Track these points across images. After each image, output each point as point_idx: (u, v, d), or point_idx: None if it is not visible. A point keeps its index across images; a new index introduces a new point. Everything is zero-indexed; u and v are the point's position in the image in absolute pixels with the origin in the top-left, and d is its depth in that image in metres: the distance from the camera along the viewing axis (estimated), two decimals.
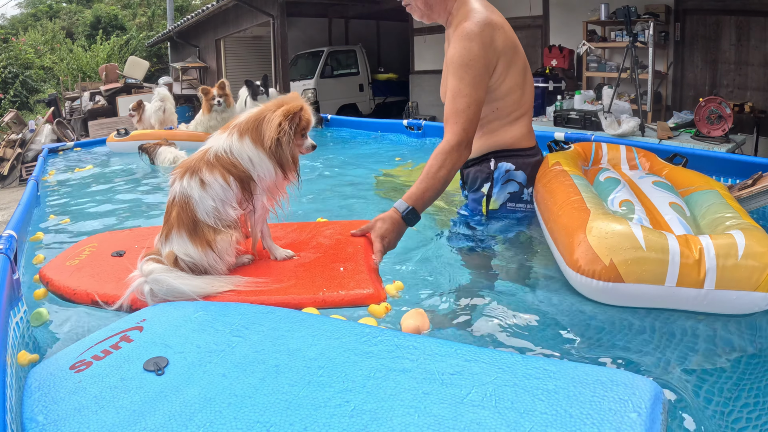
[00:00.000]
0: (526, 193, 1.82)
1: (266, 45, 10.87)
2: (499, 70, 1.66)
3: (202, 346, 0.97)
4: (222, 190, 1.35)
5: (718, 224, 1.39)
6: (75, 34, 20.70)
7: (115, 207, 2.53)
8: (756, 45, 5.41)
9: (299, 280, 1.33)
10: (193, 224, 1.33)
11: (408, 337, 0.94)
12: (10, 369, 0.99)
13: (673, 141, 4.13)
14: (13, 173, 8.67)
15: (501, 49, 1.64)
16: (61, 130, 9.53)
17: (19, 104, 14.74)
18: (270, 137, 1.35)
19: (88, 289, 1.32)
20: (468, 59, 1.58)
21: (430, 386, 0.81)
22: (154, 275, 1.25)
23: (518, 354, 0.88)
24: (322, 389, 0.83)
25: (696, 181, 1.78)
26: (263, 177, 1.39)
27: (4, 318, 1.12)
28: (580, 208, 1.42)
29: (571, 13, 6.74)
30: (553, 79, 6.35)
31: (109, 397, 0.86)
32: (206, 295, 1.24)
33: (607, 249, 1.23)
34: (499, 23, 1.65)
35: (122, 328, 1.07)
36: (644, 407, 0.73)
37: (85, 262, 1.49)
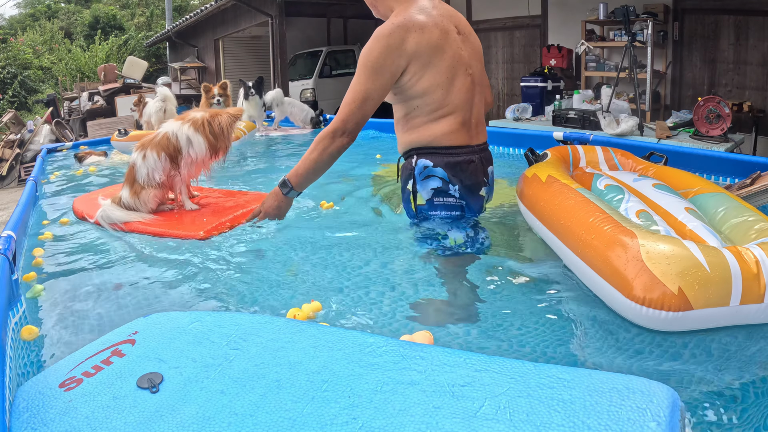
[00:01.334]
0: (452, 188, 1.79)
1: (265, 45, 10.86)
2: (412, 70, 1.71)
3: (198, 359, 0.93)
4: (154, 163, 2.07)
5: (746, 230, 1.36)
6: (73, 35, 20.69)
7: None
8: (754, 44, 5.41)
9: (180, 222, 2.05)
10: (133, 182, 2.09)
11: (414, 347, 0.90)
12: (9, 369, 0.99)
13: (672, 140, 4.13)
14: (12, 173, 8.67)
15: (413, 50, 1.68)
16: (60, 131, 9.52)
17: (17, 104, 14.73)
18: (224, 128, 2.13)
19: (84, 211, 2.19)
20: (366, 58, 1.69)
21: (440, 399, 0.78)
22: (103, 207, 2.06)
23: (530, 362, 0.84)
24: (327, 405, 0.79)
25: (692, 182, 1.76)
26: (196, 154, 2.10)
27: (3, 318, 1.12)
28: (617, 229, 1.29)
29: (570, 13, 6.75)
30: (551, 79, 6.35)
31: (102, 418, 0.82)
32: (124, 221, 2.02)
33: (672, 275, 1.12)
34: (420, 25, 1.70)
35: (113, 341, 1.03)
36: (663, 415, 0.71)
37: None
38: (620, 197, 1.64)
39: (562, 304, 1.33)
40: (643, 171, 1.98)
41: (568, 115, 4.92)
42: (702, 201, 1.62)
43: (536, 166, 1.92)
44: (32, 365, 1.18)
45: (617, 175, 1.93)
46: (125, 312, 1.39)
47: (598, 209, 1.42)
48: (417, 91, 1.74)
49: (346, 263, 1.63)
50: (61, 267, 1.74)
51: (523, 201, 1.85)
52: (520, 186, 1.93)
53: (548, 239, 1.61)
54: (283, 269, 1.63)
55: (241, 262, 1.70)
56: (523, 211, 1.85)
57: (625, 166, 2.10)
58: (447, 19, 1.78)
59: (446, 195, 1.80)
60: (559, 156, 2.04)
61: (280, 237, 1.86)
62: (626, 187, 1.76)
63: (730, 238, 1.41)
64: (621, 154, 2.11)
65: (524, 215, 1.84)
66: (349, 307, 1.35)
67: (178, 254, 1.77)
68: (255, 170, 3.32)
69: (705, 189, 1.69)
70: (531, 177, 1.84)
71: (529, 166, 2.04)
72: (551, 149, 2.11)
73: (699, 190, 1.70)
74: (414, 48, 1.68)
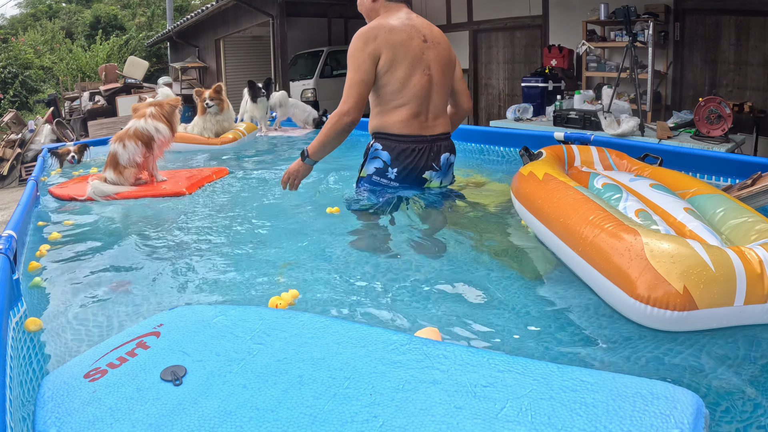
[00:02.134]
0: (390, 171, 2.15)
1: (266, 45, 10.86)
2: (383, 59, 2.07)
3: (222, 353, 0.94)
4: (133, 149, 2.75)
5: (747, 231, 1.36)
6: (74, 34, 20.69)
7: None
8: (755, 45, 5.41)
9: (161, 188, 2.73)
10: (116, 164, 2.76)
11: (437, 346, 0.90)
12: (9, 368, 0.99)
13: (673, 141, 4.12)
14: (13, 173, 8.67)
15: (383, 44, 2.06)
16: (61, 130, 9.52)
17: (18, 104, 14.73)
18: (170, 112, 2.86)
19: (71, 193, 2.72)
20: (351, 53, 2.09)
21: (462, 400, 0.77)
22: (93, 185, 2.65)
23: (553, 364, 0.84)
24: (348, 402, 0.79)
25: (689, 183, 1.76)
26: (163, 137, 2.81)
27: (3, 318, 1.12)
28: (619, 227, 1.27)
29: (571, 13, 6.74)
30: (552, 79, 6.35)
31: (125, 409, 0.82)
32: (115, 192, 2.64)
33: (677, 275, 1.10)
34: (390, 27, 2.09)
35: (138, 333, 1.04)
36: (686, 422, 0.70)
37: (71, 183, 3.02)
38: (618, 196, 1.63)
39: (563, 300, 1.33)
40: (639, 171, 1.97)
41: (569, 116, 4.92)
42: (700, 202, 1.62)
43: (532, 164, 1.91)
44: (36, 356, 1.18)
45: (614, 174, 1.92)
46: (123, 308, 1.40)
47: (597, 207, 1.40)
48: (383, 81, 2.10)
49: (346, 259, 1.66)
50: (64, 260, 1.76)
51: (518, 198, 1.85)
52: (515, 184, 1.92)
53: (545, 237, 1.60)
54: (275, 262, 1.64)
55: (242, 254, 1.70)
56: (518, 208, 1.85)
57: (620, 166, 2.09)
58: (416, 29, 2.14)
59: (383, 176, 2.17)
60: (554, 155, 2.03)
61: (282, 233, 1.88)
62: (624, 186, 1.75)
63: (731, 238, 1.41)
64: (616, 155, 2.11)
65: (519, 212, 1.84)
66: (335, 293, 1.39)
67: (167, 248, 1.78)
68: (258, 167, 3.32)
69: (702, 190, 1.68)
70: (527, 175, 1.83)
71: (524, 164, 2.03)
72: (546, 148, 2.10)
73: (696, 191, 1.69)
74: (383, 42, 2.06)
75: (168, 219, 2.27)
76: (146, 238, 1.99)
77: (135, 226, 2.20)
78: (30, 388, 1.04)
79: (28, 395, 1.00)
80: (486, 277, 1.51)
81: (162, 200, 2.59)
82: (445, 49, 2.22)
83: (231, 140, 4.25)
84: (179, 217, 2.27)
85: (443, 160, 2.21)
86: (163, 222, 2.23)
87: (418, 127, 2.14)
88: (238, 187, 2.81)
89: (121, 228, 2.20)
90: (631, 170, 2.02)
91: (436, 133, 2.18)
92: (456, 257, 1.66)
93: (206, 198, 2.59)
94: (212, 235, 1.98)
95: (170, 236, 2.00)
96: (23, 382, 1.03)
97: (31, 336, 1.25)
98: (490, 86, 8.42)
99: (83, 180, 2.97)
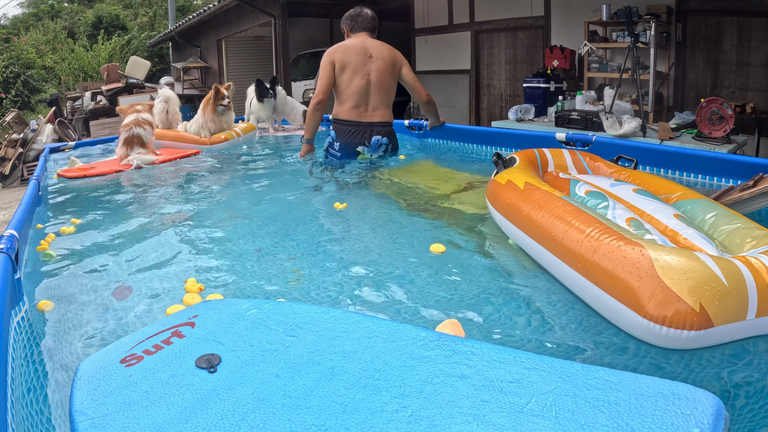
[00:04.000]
0: (335, 145, 3.12)
1: (267, 45, 10.87)
2: (337, 67, 3.06)
3: (255, 344, 0.96)
4: (150, 131, 3.70)
5: (743, 237, 1.33)
6: (76, 34, 20.72)
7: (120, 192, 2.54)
8: (758, 46, 5.40)
9: (173, 154, 3.77)
10: (142, 142, 3.62)
11: (466, 343, 0.92)
12: (11, 369, 0.99)
13: (675, 141, 4.12)
14: (15, 173, 8.68)
15: (338, 57, 3.07)
16: (63, 130, 9.54)
17: (20, 104, 14.75)
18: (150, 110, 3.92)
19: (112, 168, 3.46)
20: (322, 63, 3.10)
21: (489, 394, 0.80)
22: (136, 157, 3.50)
23: (578, 363, 0.86)
24: (378, 393, 0.81)
25: (671, 187, 1.71)
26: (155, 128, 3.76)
27: (5, 318, 1.12)
28: (622, 241, 1.20)
29: (573, 14, 6.74)
30: (554, 80, 6.34)
31: (160, 393, 0.85)
32: (151, 161, 3.53)
33: (692, 291, 1.03)
34: (345, 47, 3.10)
35: (174, 323, 1.07)
36: (707, 422, 0.72)
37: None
38: (605, 204, 1.56)
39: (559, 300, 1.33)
40: (618, 175, 1.91)
41: (570, 116, 4.92)
42: (686, 207, 1.57)
43: (508, 171, 1.84)
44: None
45: (593, 180, 1.86)
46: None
47: (592, 219, 1.32)
48: (337, 82, 3.08)
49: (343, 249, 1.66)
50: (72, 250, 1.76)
51: (498, 209, 1.77)
52: (493, 193, 1.85)
53: (536, 252, 1.51)
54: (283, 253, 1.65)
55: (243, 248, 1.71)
56: (498, 220, 1.78)
57: (594, 169, 2.04)
58: (365, 48, 3.09)
59: (331, 148, 3.15)
60: (527, 160, 1.96)
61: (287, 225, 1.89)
62: (607, 193, 1.68)
63: (727, 246, 1.37)
64: (590, 158, 2.06)
65: (500, 224, 1.77)
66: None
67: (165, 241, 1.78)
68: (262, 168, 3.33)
69: (687, 195, 1.64)
70: (506, 184, 1.76)
71: (496, 170, 1.97)
72: (518, 153, 2.04)
73: (681, 196, 1.65)
74: (338, 56, 3.07)
75: (173, 217, 2.27)
76: (153, 233, 2.00)
77: (142, 220, 2.20)
78: (33, 389, 1.04)
79: (29, 396, 1.01)
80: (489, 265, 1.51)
81: (172, 198, 2.60)
82: (386, 62, 3.10)
83: (223, 140, 4.17)
84: (185, 213, 2.28)
85: (374, 141, 3.10)
86: (169, 220, 2.23)
87: (357, 115, 3.07)
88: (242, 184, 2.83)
89: (127, 224, 2.20)
90: (607, 174, 1.96)
91: (372, 121, 3.09)
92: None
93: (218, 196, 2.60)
94: (221, 231, 1.99)
95: (177, 231, 2.00)
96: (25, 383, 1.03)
97: (31, 337, 1.25)
98: (491, 87, 8.41)
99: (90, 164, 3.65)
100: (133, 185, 3.07)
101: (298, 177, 3.03)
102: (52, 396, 1.04)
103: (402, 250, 1.73)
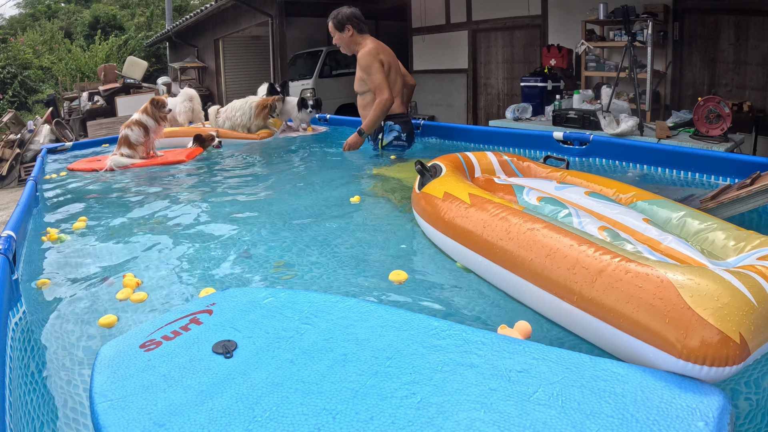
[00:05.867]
0: (402, 136, 3.32)
1: (265, 45, 10.86)
2: (385, 66, 3.20)
3: (271, 331, 0.99)
4: (139, 132, 3.60)
5: (726, 240, 1.24)
6: (73, 34, 20.68)
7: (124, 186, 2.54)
8: (754, 44, 5.41)
9: (157, 160, 3.59)
10: (129, 143, 3.57)
11: (476, 333, 0.94)
12: (9, 369, 0.99)
13: (672, 140, 4.13)
14: (12, 173, 8.66)
15: (384, 60, 3.20)
16: (60, 131, 9.52)
17: (17, 104, 14.73)
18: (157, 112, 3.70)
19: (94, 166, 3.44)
20: (369, 63, 3.18)
21: (497, 383, 0.81)
22: (113, 158, 3.48)
23: (586, 355, 0.88)
24: (389, 380, 0.83)
25: (620, 187, 1.62)
26: (150, 127, 3.63)
27: (3, 318, 1.12)
28: (629, 262, 1.00)
29: (570, 13, 6.75)
30: (551, 79, 6.35)
31: (178, 377, 0.88)
32: (125, 164, 3.45)
33: (730, 321, 0.87)
34: (381, 48, 3.25)
35: (192, 310, 1.10)
36: (711, 416, 0.73)
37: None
38: (566, 212, 1.37)
39: None
40: (556, 176, 1.80)
41: (568, 115, 4.93)
42: (646, 209, 1.45)
43: (441, 181, 1.61)
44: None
45: (535, 183, 1.68)
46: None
47: (576, 237, 1.12)
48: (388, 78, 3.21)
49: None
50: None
51: (439, 227, 1.51)
52: (428, 208, 1.59)
53: (507, 282, 1.25)
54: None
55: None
56: (440, 241, 1.52)
57: (524, 171, 1.91)
58: (388, 49, 3.31)
59: (398, 139, 3.33)
60: (453, 166, 1.76)
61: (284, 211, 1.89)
62: (561, 199, 1.49)
63: (710, 251, 1.25)
64: (517, 159, 1.95)
65: (442, 245, 1.52)
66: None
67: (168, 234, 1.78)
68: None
69: (641, 195, 1.53)
70: (444, 197, 1.52)
71: (422, 180, 1.73)
72: (441, 159, 1.83)
73: (635, 196, 1.53)
74: (383, 58, 3.21)
75: (181, 217, 2.27)
76: (157, 231, 2.00)
77: (147, 216, 2.20)
78: (31, 390, 1.04)
79: (28, 396, 1.01)
80: None
81: (180, 192, 2.60)
82: (396, 58, 3.38)
83: (268, 135, 4.54)
84: (193, 209, 2.28)
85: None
86: (173, 220, 2.23)
87: (403, 108, 3.39)
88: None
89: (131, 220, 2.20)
90: (542, 175, 1.83)
91: (404, 111, 3.44)
92: None
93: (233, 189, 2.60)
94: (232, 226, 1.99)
95: (184, 231, 2.00)
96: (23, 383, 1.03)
97: (31, 337, 1.25)
98: (489, 86, 8.42)
99: (94, 160, 3.80)
100: (149, 183, 3.07)
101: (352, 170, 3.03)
102: (51, 396, 1.04)
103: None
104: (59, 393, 1.05)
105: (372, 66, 3.15)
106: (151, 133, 3.67)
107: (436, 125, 3.78)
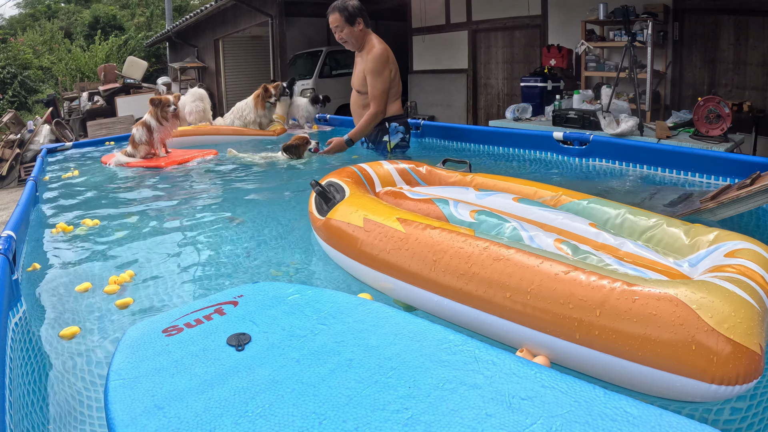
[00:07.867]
0: (406, 137, 3.33)
1: (265, 45, 10.87)
2: (393, 72, 3.21)
3: (287, 328, 1.00)
4: (143, 131, 3.62)
5: (685, 238, 1.20)
6: (73, 35, 20.69)
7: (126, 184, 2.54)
8: (754, 44, 5.42)
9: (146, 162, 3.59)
10: (133, 141, 3.64)
11: (490, 351, 0.90)
12: (9, 369, 0.99)
13: (672, 140, 4.13)
14: (12, 174, 8.67)
15: (392, 67, 3.21)
16: (60, 131, 9.52)
17: (17, 104, 14.73)
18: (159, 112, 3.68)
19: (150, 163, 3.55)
20: (377, 68, 3.14)
21: (495, 408, 0.77)
22: (115, 155, 3.70)
23: (601, 388, 0.80)
24: (385, 391, 0.82)
25: (543, 189, 1.55)
26: (153, 127, 3.64)
27: (3, 319, 1.12)
28: (630, 286, 0.93)
29: (570, 13, 6.75)
30: (551, 79, 6.35)
31: (188, 364, 0.90)
32: (124, 162, 3.59)
33: (750, 334, 0.85)
34: (390, 52, 3.20)
35: (219, 300, 1.13)
36: None
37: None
38: (511, 227, 1.24)
39: None
40: (468, 182, 1.70)
41: (568, 115, 4.93)
42: (580, 210, 1.39)
43: (351, 204, 1.41)
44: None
45: (454, 193, 1.54)
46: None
47: (566, 265, 1.01)
48: (391, 84, 3.22)
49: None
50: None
51: (365, 262, 1.31)
52: (342, 239, 1.38)
53: (476, 322, 1.11)
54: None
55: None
56: (367, 276, 1.33)
57: (426, 178, 1.80)
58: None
59: (403, 140, 3.31)
60: (353, 183, 1.58)
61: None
62: (496, 211, 1.36)
63: (671, 251, 1.21)
64: (416, 165, 1.83)
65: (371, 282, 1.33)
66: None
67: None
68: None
69: (569, 195, 1.46)
70: (365, 224, 1.32)
71: (327, 206, 1.50)
72: (335, 174, 1.67)
73: (561, 198, 1.46)
74: (393, 67, 3.22)
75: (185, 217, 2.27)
76: (160, 232, 2.00)
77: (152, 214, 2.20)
78: (31, 390, 1.04)
79: (29, 396, 1.01)
80: None
81: (189, 196, 2.61)
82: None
83: (282, 131, 4.64)
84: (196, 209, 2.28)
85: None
86: (177, 219, 2.23)
87: (399, 108, 3.36)
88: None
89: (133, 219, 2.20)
90: (449, 181, 1.74)
91: (402, 111, 3.43)
92: None
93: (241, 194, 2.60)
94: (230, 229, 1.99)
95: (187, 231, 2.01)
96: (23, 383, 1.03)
97: (31, 337, 1.25)
98: (489, 86, 8.42)
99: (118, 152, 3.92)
100: (155, 183, 3.08)
101: None
102: (51, 396, 1.04)
103: None
104: (59, 393, 1.05)
105: (382, 74, 3.12)
106: (154, 132, 3.66)
107: (436, 125, 3.77)
